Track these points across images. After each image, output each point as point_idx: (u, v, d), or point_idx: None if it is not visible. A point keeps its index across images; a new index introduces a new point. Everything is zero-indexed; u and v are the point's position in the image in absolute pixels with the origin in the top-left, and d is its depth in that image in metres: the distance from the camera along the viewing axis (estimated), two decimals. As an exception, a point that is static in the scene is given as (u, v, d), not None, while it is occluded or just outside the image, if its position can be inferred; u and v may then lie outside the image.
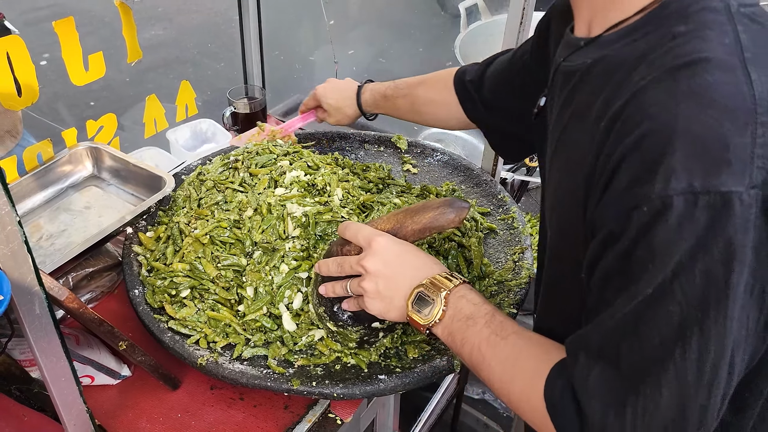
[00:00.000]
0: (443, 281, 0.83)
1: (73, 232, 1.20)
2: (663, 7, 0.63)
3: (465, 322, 0.79)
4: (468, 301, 0.80)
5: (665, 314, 0.56)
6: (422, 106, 1.27)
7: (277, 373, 0.97)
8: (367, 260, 0.86)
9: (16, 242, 0.70)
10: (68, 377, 0.83)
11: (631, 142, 0.58)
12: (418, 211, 0.91)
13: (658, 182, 0.55)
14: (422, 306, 0.83)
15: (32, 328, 0.76)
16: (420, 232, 0.90)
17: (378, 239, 0.87)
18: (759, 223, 0.55)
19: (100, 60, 1.27)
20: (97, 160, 1.31)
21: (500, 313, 0.79)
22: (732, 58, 0.57)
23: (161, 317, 1.04)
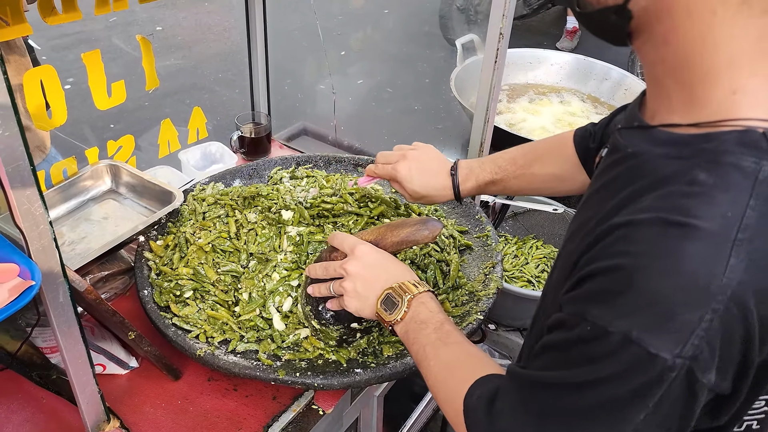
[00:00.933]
0: (410, 287, 0.97)
1: (92, 239, 1.35)
2: (706, 139, 0.63)
3: (419, 324, 0.92)
4: (426, 307, 0.94)
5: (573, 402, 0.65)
6: (543, 183, 1.18)
7: (266, 365, 1.09)
8: (348, 264, 1.01)
9: (46, 239, 0.84)
10: (84, 360, 0.97)
11: (606, 266, 0.63)
12: (397, 226, 1.06)
13: (607, 312, 0.62)
14: (389, 306, 0.97)
15: (56, 314, 0.90)
16: (398, 245, 1.05)
17: (360, 247, 1.02)
18: (678, 387, 0.59)
19: (121, 87, 1.42)
20: (116, 176, 1.46)
21: (450, 323, 0.92)
22: (724, 234, 0.58)
23: (166, 315, 1.17)
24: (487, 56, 1.36)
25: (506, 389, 0.74)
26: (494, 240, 1.38)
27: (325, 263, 1.07)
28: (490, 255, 1.35)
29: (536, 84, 2.58)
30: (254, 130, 1.78)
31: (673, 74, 0.67)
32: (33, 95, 1.27)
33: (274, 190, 1.40)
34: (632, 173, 0.69)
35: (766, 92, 0.62)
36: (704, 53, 0.63)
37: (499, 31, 1.31)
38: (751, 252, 0.58)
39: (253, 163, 1.58)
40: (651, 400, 0.60)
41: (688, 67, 0.65)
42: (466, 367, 0.84)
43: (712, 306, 0.57)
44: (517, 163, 1.18)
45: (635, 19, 0.67)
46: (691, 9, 0.63)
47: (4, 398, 1.13)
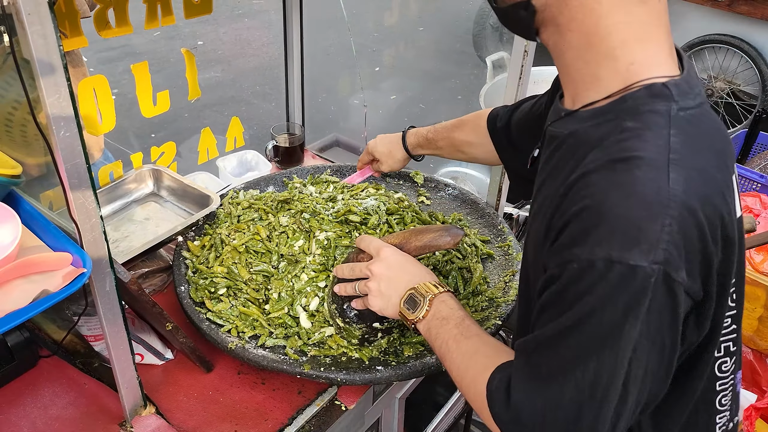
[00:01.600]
0: (431, 288, 1.03)
1: (134, 238, 1.43)
2: (622, 101, 0.77)
3: (441, 321, 0.98)
4: (447, 305, 1.00)
5: (576, 342, 0.72)
6: (461, 146, 1.42)
7: (293, 359, 1.16)
8: (373, 265, 1.08)
9: (97, 231, 0.92)
10: (126, 347, 1.04)
11: (574, 211, 0.73)
12: (421, 231, 1.12)
13: (587, 247, 0.70)
14: (411, 305, 1.03)
15: (103, 302, 0.98)
16: (421, 249, 1.12)
17: (385, 249, 1.09)
18: (660, 291, 0.68)
19: (166, 97, 1.52)
20: (158, 180, 1.55)
21: (470, 318, 0.98)
22: (660, 158, 0.70)
23: (201, 310, 1.25)
24: (511, 73, 1.42)
25: (517, 366, 0.79)
26: (515, 249, 1.43)
27: (352, 264, 1.13)
28: (510, 264, 1.40)
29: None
30: (288, 140, 1.86)
31: (580, 56, 0.80)
32: (86, 102, 1.37)
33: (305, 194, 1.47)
34: (573, 146, 0.81)
35: (655, 59, 0.77)
36: (601, 36, 0.78)
37: (524, 49, 1.36)
38: (684, 167, 0.70)
39: (286, 171, 1.66)
40: (641, 311, 0.68)
41: (591, 48, 0.79)
42: (487, 355, 0.89)
43: (668, 213, 0.68)
44: (446, 127, 1.45)
45: (539, 13, 0.81)
46: (582, 1, 0.77)
47: (50, 383, 1.22)
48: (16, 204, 0.99)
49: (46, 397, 1.19)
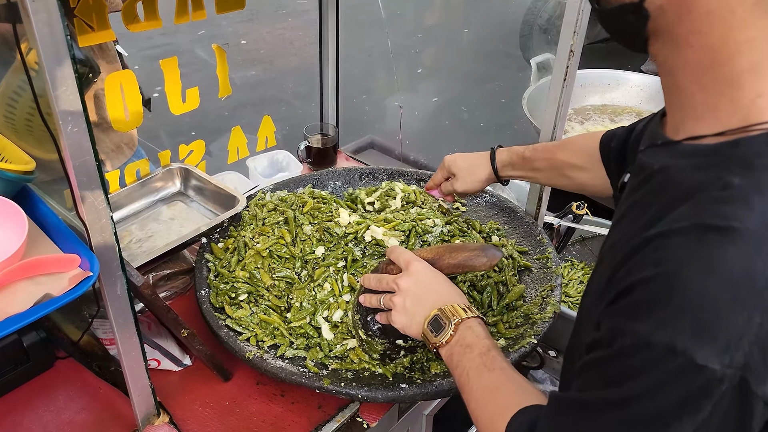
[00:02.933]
0: (458, 311, 0.95)
1: (158, 238, 1.40)
2: (734, 145, 0.62)
3: (464, 348, 0.90)
4: (473, 332, 0.92)
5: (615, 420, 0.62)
6: (564, 169, 1.22)
7: (312, 372, 1.09)
8: (401, 279, 1.01)
9: (107, 233, 0.87)
10: (138, 352, 1.00)
11: (643, 277, 0.61)
12: (456, 249, 1.06)
13: (648, 325, 0.59)
14: (435, 328, 0.95)
15: (113, 305, 0.93)
16: (454, 267, 1.05)
17: (415, 263, 1.02)
18: (729, 399, 0.56)
19: (195, 94, 1.48)
20: (185, 179, 1.52)
21: (497, 349, 0.89)
22: (764, 233, 0.57)
23: (221, 316, 1.20)
24: (556, 74, 1.33)
25: (547, 415, 0.71)
26: (555, 262, 1.34)
27: (380, 275, 1.07)
28: (549, 278, 1.31)
29: (613, 106, 2.50)
30: (321, 141, 1.81)
31: (697, 79, 0.66)
32: (113, 98, 1.34)
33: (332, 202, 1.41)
34: (661, 188, 0.68)
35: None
36: (727, 56, 0.63)
37: (570, 48, 1.27)
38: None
39: (317, 173, 1.60)
40: (700, 414, 0.57)
41: (712, 71, 0.64)
42: (509, 393, 0.82)
43: (760, 305, 0.55)
44: (547, 148, 1.26)
45: (652, 19, 0.67)
46: (711, 8, 0.62)
47: (65, 385, 1.18)
48: (29, 202, 0.96)
49: (60, 401, 1.16)
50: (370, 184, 1.62)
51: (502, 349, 1.14)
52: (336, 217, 1.34)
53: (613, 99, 2.50)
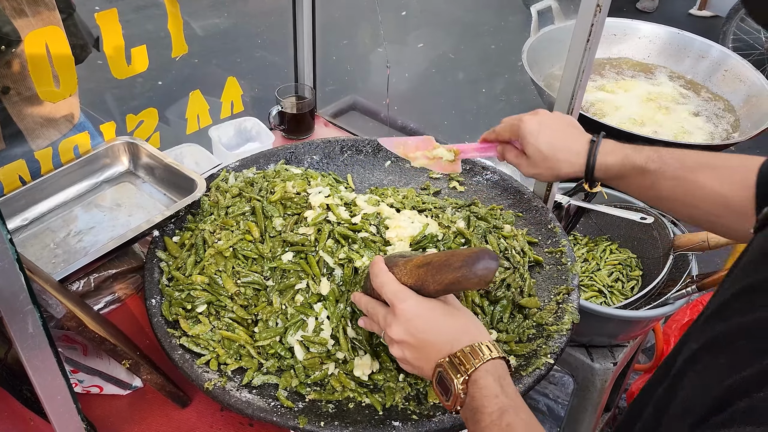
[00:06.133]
0: (466, 359, 0.74)
1: (100, 230, 1.18)
2: None
3: (473, 414, 0.72)
4: (480, 390, 0.72)
5: None
6: (701, 200, 0.91)
7: (285, 407, 0.90)
8: (392, 329, 0.81)
9: (6, 260, 0.66)
10: (64, 395, 0.80)
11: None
12: (440, 269, 0.81)
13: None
14: (444, 389, 0.76)
15: (24, 347, 0.73)
16: (443, 292, 0.83)
17: (402, 307, 0.80)
18: None
19: (143, 54, 1.23)
20: (134, 156, 1.29)
21: (513, 412, 0.69)
22: None
23: (174, 332, 0.99)
24: (577, 34, 1.10)
25: None
26: (570, 258, 1.14)
27: (371, 306, 0.87)
28: (564, 277, 1.12)
29: (619, 59, 2.27)
30: (297, 105, 1.57)
31: None
32: (36, 59, 1.09)
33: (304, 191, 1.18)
34: None
35: None
36: None
37: (597, 2, 1.04)
38: None
39: (291, 146, 1.37)
40: None
41: None
42: None
43: None
44: (684, 163, 0.93)
45: None
46: None
47: (-12, 417, 0.99)
48: None
49: (-19, 437, 0.96)
50: (353, 158, 1.40)
51: (515, 369, 0.96)
52: (310, 209, 1.12)
53: (621, 51, 2.26)
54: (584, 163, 0.99)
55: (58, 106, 1.42)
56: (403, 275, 0.83)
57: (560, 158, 1.01)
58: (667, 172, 0.93)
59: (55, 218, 1.20)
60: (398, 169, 1.39)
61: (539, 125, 1.02)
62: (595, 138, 1.00)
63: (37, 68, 1.09)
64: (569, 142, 1.01)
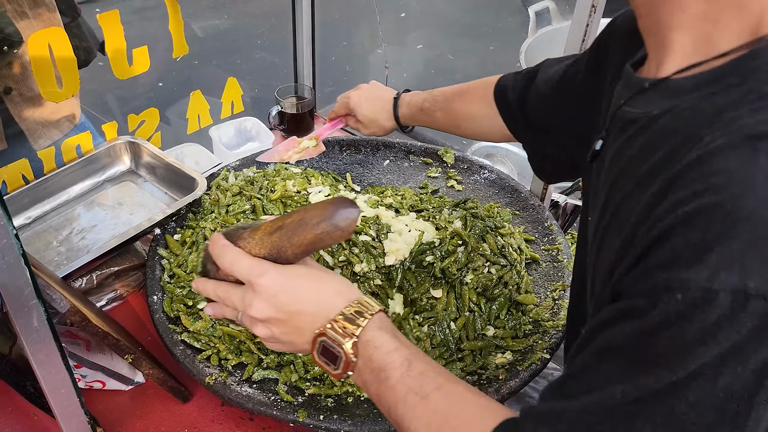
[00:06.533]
0: (350, 322, 0.68)
1: (102, 228, 1.19)
2: (752, 57, 0.53)
3: (377, 375, 0.66)
4: (378, 349, 0.66)
5: (669, 418, 0.47)
6: (461, 120, 1.19)
7: (285, 401, 0.92)
8: (254, 308, 0.70)
9: (12, 255, 0.67)
10: (68, 389, 0.81)
11: (684, 214, 0.49)
12: (296, 230, 0.71)
13: (704, 270, 0.46)
14: (331, 358, 0.69)
15: (29, 341, 0.74)
16: (303, 254, 0.73)
17: (261, 282, 0.70)
18: None
19: (144, 54, 1.25)
20: (135, 155, 1.30)
21: (420, 359, 0.66)
22: None
23: (176, 328, 1.01)
24: (573, 34, 1.12)
25: None
26: (566, 256, 1.16)
27: (221, 290, 0.74)
28: (560, 274, 1.13)
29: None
30: (296, 105, 1.59)
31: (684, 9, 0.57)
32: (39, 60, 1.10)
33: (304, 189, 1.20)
34: (667, 131, 0.57)
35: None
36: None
37: (592, 3, 1.06)
38: None
39: (291, 145, 1.39)
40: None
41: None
42: (461, 420, 0.60)
43: None
44: (446, 95, 1.20)
45: None
46: None
47: (-8, 412, 1.00)
48: None
49: (-15, 431, 0.97)
50: (352, 157, 1.42)
51: (510, 365, 0.97)
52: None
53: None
54: (393, 115, 1.28)
55: (60, 107, 1.43)
56: (253, 247, 0.73)
57: (380, 117, 1.29)
58: (436, 107, 1.21)
59: (57, 217, 1.21)
60: (396, 168, 1.41)
61: (360, 98, 1.31)
62: (398, 95, 1.28)
63: (40, 68, 1.10)
64: (382, 104, 1.29)
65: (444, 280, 1.05)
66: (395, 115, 1.27)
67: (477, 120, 1.16)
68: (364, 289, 1.03)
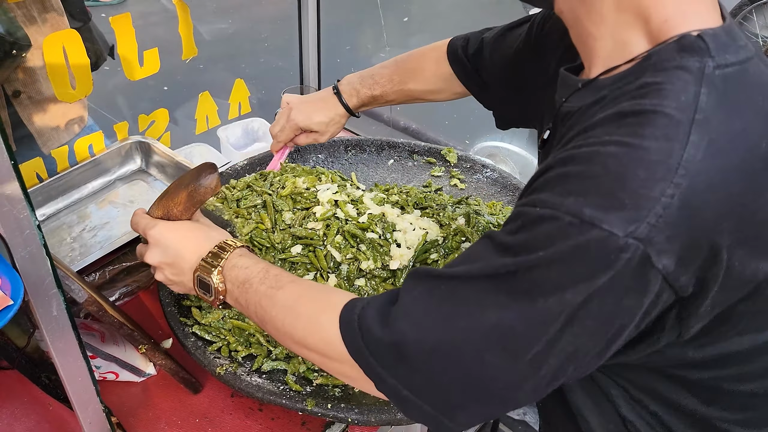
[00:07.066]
0: (215, 257, 0.85)
1: (115, 225, 1.22)
2: (647, 59, 0.64)
3: (243, 287, 0.81)
4: (240, 268, 0.83)
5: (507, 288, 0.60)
6: (420, 96, 1.22)
7: (294, 390, 0.95)
8: (148, 255, 0.90)
9: (34, 245, 0.70)
10: (85, 377, 0.84)
11: (559, 158, 0.62)
12: (175, 191, 0.93)
13: (557, 194, 0.59)
14: (205, 288, 0.85)
15: (49, 329, 0.77)
16: (186, 210, 0.93)
17: (151, 232, 0.90)
18: (628, 273, 0.55)
19: (155, 56, 1.28)
20: (146, 154, 1.33)
21: (275, 268, 0.82)
22: (680, 116, 0.57)
23: (187, 320, 1.04)
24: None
25: (410, 289, 0.67)
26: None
27: (138, 249, 0.96)
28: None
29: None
30: (302, 106, 1.62)
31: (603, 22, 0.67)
32: (54, 62, 1.14)
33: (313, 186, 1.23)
34: (581, 117, 0.68)
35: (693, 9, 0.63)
36: None
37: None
38: (710, 131, 0.57)
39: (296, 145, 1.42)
40: (593, 285, 0.56)
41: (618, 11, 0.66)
42: (316, 297, 0.76)
43: (673, 180, 0.55)
44: (394, 80, 1.21)
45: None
46: None
47: (9, 402, 1.03)
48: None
49: (2, 420, 1.01)
50: (357, 157, 1.45)
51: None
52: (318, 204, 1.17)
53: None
54: (345, 112, 1.26)
55: (68, 110, 1.47)
56: (154, 211, 0.93)
57: (333, 117, 1.26)
58: (388, 92, 1.22)
59: (70, 214, 1.24)
60: (400, 167, 1.44)
61: (302, 112, 1.26)
62: (336, 91, 1.25)
63: (55, 70, 1.14)
64: (328, 104, 1.26)
65: None
66: (345, 107, 1.26)
67: (437, 93, 1.21)
68: (371, 287, 1.06)
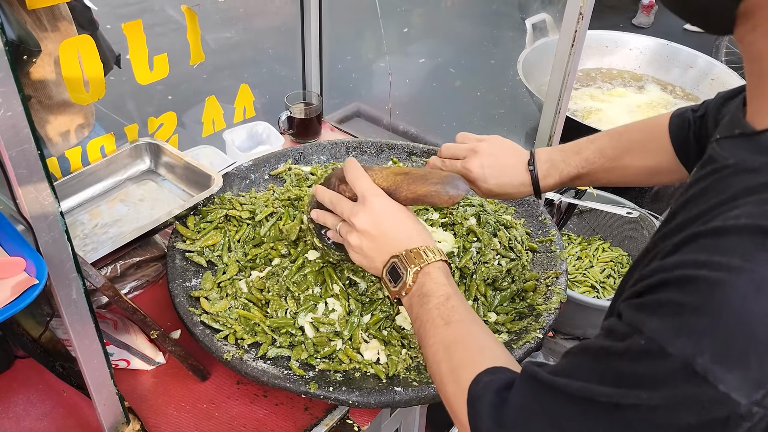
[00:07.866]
0: (419, 255, 0.85)
1: (125, 222, 1.27)
2: None
3: (421, 298, 0.82)
4: (431, 279, 0.83)
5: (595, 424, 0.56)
6: (635, 177, 1.04)
7: (297, 375, 1.00)
8: (358, 217, 0.89)
9: (57, 231, 0.75)
10: (100, 360, 0.89)
11: (679, 275, 0.52)
12: (417, 179, 0.91)
13: (669, 329, 0.51)
14: (393, 276, 0.87)
15: (68, 312, 0.82)
16: (413, 201, 0.92)
17: (373, 199, 0.89)
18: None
19: (164, 61, 1.34)
20: (155, 155, 1.39)
21: (457, 298, 0.81)
22: None
23: (195, 310, 1.09)
24: (562, 39, 1.21)
25: (520, 389, 0.63)
26: (559, 246, 1.24)
27: (336, 197, 0.94)
28: (553, 263, 1.21)
29: (610, 69, 2.38)
30: (304, 110, 1.68)
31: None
32: (69, 66, 1.19)
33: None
34: (728, 182, 0.57)
35: None
36: None
37: (579, 11, 1.15)
38: None
39: (300, 147, 1.48)
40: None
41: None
42: (466, 348, 0.75)
43: None
44: (607, 155, 1.03)
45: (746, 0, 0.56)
46: None
47: (25, 388, 1.08)
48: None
49: (19, 406, 1.05)
50: (358, 159, 1.50)
51: (505, 344, 1.05)
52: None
53: (612, 63, 2.37)
54: (531, 190, 1.07)
55: (75, 116, 1.53)
56: (377, 178, 0.92)
57: (510, 192, 1.07)
58: (596, 170, 1.04)
59: (83, 212, 1.29)
60: (400, 168, 1.49)
61: (482, 169, 1.05)
62: (531, 166, 1.05)
63: (71, 73, 1.19)
64: (512, 177, 1.06)
65: (459, 275, 1.14)
66: (535, 187, 1.07)
67: (657, 173, 1.02)
68: None
